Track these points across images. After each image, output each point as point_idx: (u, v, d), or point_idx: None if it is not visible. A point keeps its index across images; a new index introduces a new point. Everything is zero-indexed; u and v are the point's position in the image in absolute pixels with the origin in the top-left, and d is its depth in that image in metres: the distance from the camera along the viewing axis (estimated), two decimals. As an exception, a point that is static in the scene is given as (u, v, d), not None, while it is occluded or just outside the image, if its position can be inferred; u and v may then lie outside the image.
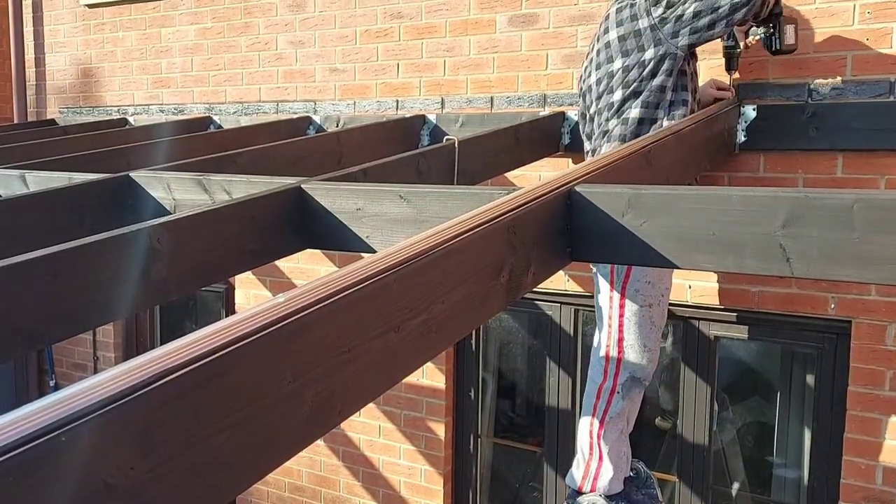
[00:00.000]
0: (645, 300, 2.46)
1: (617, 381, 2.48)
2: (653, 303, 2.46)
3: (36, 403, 0.65)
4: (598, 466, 2.52)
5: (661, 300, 2.48)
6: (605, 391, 2.50)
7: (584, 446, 2.55)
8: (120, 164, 2.77)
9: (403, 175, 2.18)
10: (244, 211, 1.71)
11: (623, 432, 2.52)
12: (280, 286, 4.04)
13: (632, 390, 2.48)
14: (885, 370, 2.69)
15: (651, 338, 2.47)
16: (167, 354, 0.74)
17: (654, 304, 2.47)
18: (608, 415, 2.49)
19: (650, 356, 2.48)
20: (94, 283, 1.44)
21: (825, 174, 2.73)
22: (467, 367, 3.68)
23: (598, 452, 2.53)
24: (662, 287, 2.48)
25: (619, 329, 2.48)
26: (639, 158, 1.85)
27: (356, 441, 3.87)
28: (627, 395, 2.47)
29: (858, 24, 2.66)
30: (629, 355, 2.47)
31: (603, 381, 2.50)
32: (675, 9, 2.45)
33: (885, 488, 2.71)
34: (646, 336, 2.46)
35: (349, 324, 0.94)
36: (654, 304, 2.46)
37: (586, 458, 2.54)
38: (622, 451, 2.53)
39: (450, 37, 3.51)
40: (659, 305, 2.48)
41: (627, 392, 2.47)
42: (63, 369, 5.15)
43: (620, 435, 2.51)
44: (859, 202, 1.25)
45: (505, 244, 1.29)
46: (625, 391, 2.47)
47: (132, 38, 4.71)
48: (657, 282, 2.46)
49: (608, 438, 2.50)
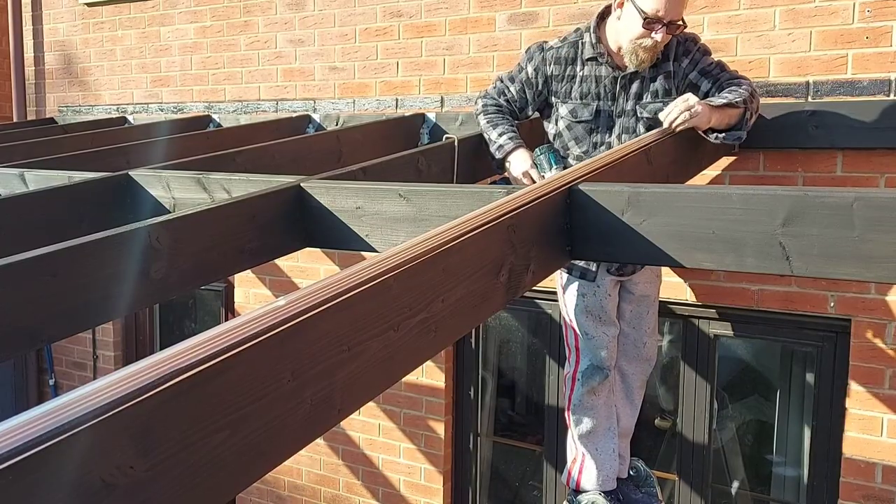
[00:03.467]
0: (576, 288, 2.49)
1: (577, 368, 2.53)
2: (586, 292, 2.47)
3: (37, 409, 0.65)
4: (581, 463, 2.54)
5: (596, 290, 2.47)
6: (569, 378, 2.57)
7: (569, 442, 2.62)
8: (119, 162, 2.78)
9: (403, 173, 2.18)
10: (244, 209, 1.71)
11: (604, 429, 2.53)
12: (280, 285, 4.04)
13: (592, 378, 2.50)
14: (884, 368, 2.69)
15: (592, 326, 2.48)
16: (167, 359, 0.74)
17: (585, 293, 2.47)
18: (571, 402, 2.55)
19: (598, 344, 2.49)
20: (94, 282, 1.44)
21: (825, 173, 2.73)
22: (467, 366, 3.68)
23: (574, 447, 2.58)
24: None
25: (568, 318, 2.55)
26: (639, 157, 1.85)
27: (356, 440, 3.87)
28: (587, 382, 2.50)
29: (858, 22, 2.66)
30: (583, 343, 2.52)
31: (567, 370, 2.59)
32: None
33: (884, 487, 2.71)
34: (586, 324, 2.49)
35: (348, 323, 0.94)
36: (585, 293, 2.47)
37: (572, 454, 2.58)
38: (608, 448, 2.53)
39: (449, 35, 3.51)
40: (594, 295, 2.47)
41: (587, 380, 2.50)
42: (62, 368, 5.15)
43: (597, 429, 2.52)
44: (859, 201, 1.25)
45: (505, 243, 1.29)
46: (584, 378, 2.51)
47: (131, 37, 4.71)
48: (586, 270, 2.47)
49: (580, 428, 2.54)
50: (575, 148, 2.48)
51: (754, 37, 2.82)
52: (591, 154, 2.44)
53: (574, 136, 2.47)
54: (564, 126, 2.47)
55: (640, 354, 2.62)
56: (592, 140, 2.45)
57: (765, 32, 2.80)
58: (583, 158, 2.46)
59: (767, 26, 2.80)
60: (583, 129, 2.45)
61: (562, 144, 2.50)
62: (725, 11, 2.87)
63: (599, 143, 2.45)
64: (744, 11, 2.84)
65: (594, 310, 2.48)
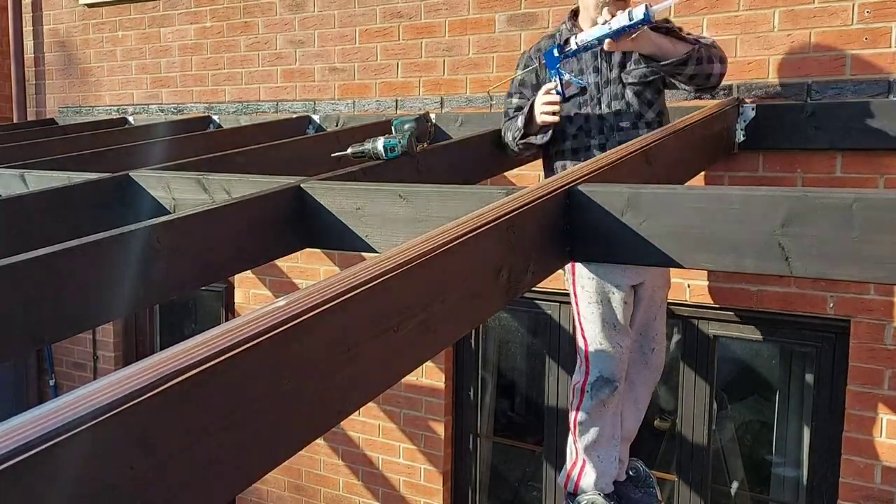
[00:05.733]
0: (591, 297, 2.42)
1: (587, 380, 2.46)
2: (601, 299, 2.41)
3: (37, 410, 0.65)
4: (581, 467, 2.52)
5: (611, 297, 2.41)
6: (577, 389, 2.50)
7: (569, 445, 2.58)
8: (119, 163, 2.77)
9: (403, 174, 2.18)
10: (244, 210, 1.71)
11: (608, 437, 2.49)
12: (280, 285, 4.04)
13: (601, 391, 2.43)
14: (883, 369, 2.69)
15: (605, 335, 2.42)
16: (168, 360, 0.74)
17: (602, 300, 2.41)
18: (579, 412, 2.48)
19: (610, 354, 2.42)
20: (94, 283, 1.45)
21: (824, 173, 2.73)
22: (467, 367, 3.68)
23: (574, 452, 2.54)
24: (609, 284, 2.41)
25: (580, 326, 2.48)
26: (638, 158, 1.86)
27: (356, 440, 3.87)
28: (597, 395, 2.43)
29: (858, 23, 2.66)
30: (594, 353, 2.45)
31: (577, 379, 2.52)
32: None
33: (883, 487, 2.71)
34: (600, 334, 2.42)
35: (348, 324, 0.94)
36: (601, 300, 2.41)
37: (572, 458, 2.55)
38: (610, 457, 2.50)
39: (449, 36, 3.51)
40: (609, 303, 2.41)
41: (597, 392, 2.43)
42: (63, 369, 5.15)
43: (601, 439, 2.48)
44: (858, 201, 1.25)
45: (504, 244, 1.29)
46: (594, 391, 2.44)
47: (131, 38, 4.71)
48: (602, 277, 2.41)
49: (585, 438, 2.48)
50: (570, 127, 2.51)
51: (753, 38, 2.82)
52: (586, 130, 2.50)
53: (567, 116, 2.51)
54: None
55: (647, 361, 2.59)
56: (584, 113, 2.50)
57: (764, 33, 2.81)
58: (578, 138, 2.51)
59: (767, 27, 2.80)
60: (572, 105, 2.50)
61: (559, 128, 2.52)
62: (724, 12, 2.87)
63: (591, 116, 2.50)
64: (743, 12, 2.84)
65: (609, 318, 2.41)
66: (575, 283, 2.47)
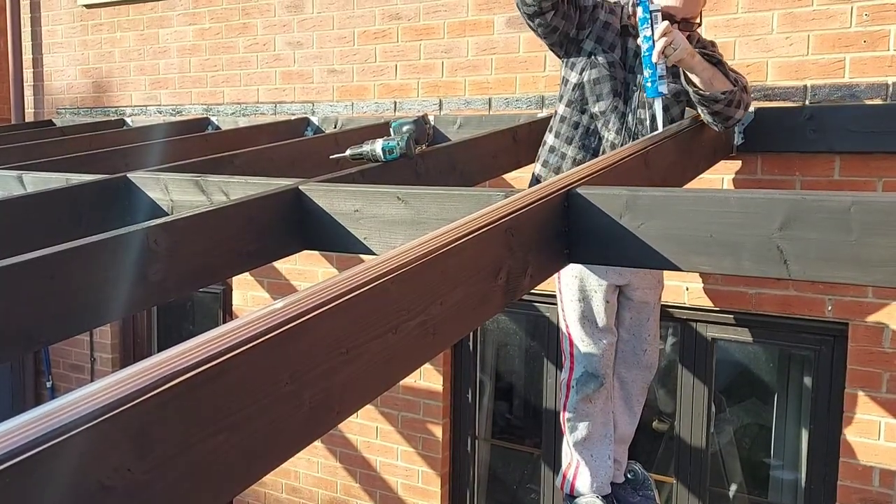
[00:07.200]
0: (573, 295, 2.48)
1: (572, 375, 2.52)
2: (582, 297, 2.46)
3: (34, 412, 0.65)
4: (576, 468, 2.54)
5: (593, 296, 2.45)
6: (563, 385, 2.56)
7: (564, 447, 2.61)
8: (117, 164, 2.77)
9: (401, 176, 2.18)
10: (242, 212, 1.71)
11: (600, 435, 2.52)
12: (278, 287, 4.04)
13: (587, 385, 2.48)
14: (881, 372, 2.69)
15: (587, 333, 2.48)
16: (165, 361, 0.74)
17: (583, 298, 2.46)
18: (566, 410, 2.54)
19: (593, 351, 2.48)
20: (91, 285, 1.44)
21: (823, 176, 2.74)
22: (465, 369, 3.68)
23: (569, 453, 2.56)
24: (593, 282, 2.45)
25: (565, 322, 2.54)
26: (637, 160, 1.86)
27: (354, 442, 3.87)
28: (582, 390, 2.49)
29: (856, 26, 2.66)
30: (578, 350, 2.51)
31: (563, 376, 2.58)
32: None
33: (881, 490, 2.71)
34: (581, 331, 2.48)
35: (347, 326, 0.94)
36: (582, 298, 2.46)
37: (567, 459, 2.57)
38: (603, 455, 2.52)
39: (448, 38, 3.51)
40: (590, 302, 2.46)
41: (582, 387, 2.49)
42: (60, 370, 5.14)
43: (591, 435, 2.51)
44: (857, 204, 1.25)
45: (503, 246, 1.29)
46: (579, 385, 2.49)
47: (130, 39, 4.71)
48: (586, 276, 2.46)
49: (575, 435, 2.53)
50: (594, 105, 2.44)
51: (752, 40, 2.83)
52: (607, 117, 2.43)
53: (598, 93, 2.44)
54: (593, 78, 2.43)
55: (639, 362, 2.60)
56: (612, 104, 2.43)
57: (763, 36, 2.81)
58: (597, 118, 2.44)
59: (765, 30, 2.80)
60: (610, 88, 2.43)
61: (580, 97, 2.46)
62: (723, 15, 2.87)
63: (618, 110, 2.43)
64: (742, 15, 2.84)
65: (590, 316, 2.47)
66: (560, 281, 2.52)
